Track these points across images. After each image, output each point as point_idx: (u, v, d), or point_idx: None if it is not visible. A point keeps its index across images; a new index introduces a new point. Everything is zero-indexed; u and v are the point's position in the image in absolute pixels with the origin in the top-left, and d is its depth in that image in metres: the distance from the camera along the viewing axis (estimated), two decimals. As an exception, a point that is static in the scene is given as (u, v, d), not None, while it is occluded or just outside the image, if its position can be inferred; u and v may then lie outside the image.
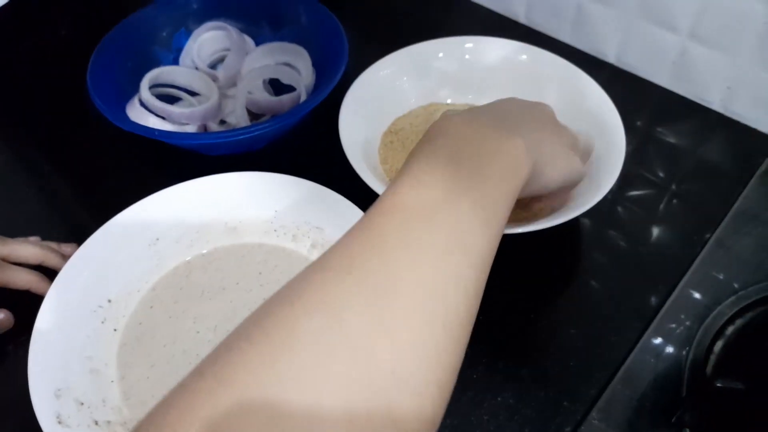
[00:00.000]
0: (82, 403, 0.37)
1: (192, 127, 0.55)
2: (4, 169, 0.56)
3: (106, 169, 0.55)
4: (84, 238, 0.43)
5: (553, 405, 0.39)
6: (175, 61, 0.61)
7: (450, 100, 0.56)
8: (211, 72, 0.59)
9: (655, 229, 0.49)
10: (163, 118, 0.54)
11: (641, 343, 0.41)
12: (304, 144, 0.55)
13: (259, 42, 0.61)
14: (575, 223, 0.48)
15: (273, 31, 0.61)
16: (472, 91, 0.55)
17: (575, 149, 0.40)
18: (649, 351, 0.41)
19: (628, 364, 0.40)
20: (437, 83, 0.55)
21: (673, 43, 0.56)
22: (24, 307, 0.41)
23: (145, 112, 0.53)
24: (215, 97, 0.55)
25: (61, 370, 0.38)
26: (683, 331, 0.41)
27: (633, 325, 0.42)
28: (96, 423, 0.37)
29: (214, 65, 0.61)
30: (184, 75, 0.58)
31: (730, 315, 0.41)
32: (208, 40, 0.61)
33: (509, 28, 0.66)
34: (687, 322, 0.42)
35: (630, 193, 0.51)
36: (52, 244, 0.47)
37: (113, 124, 0.49)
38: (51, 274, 0.43)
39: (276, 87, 0.58)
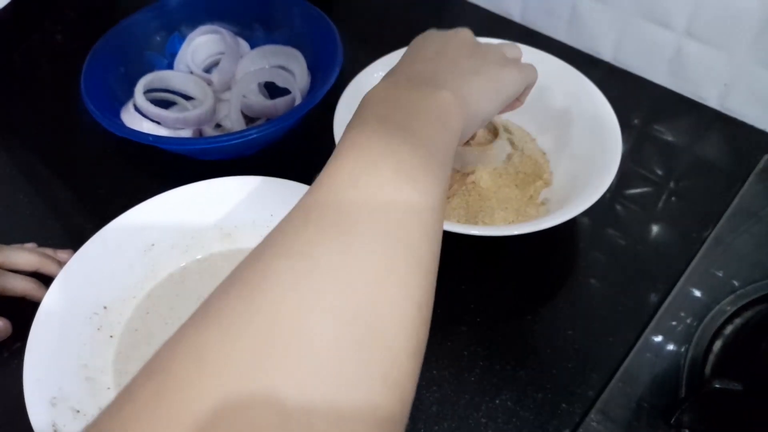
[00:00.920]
0: (78, 411, 0.37)
1: (187, 132, 0.54)
2: (-1, 176, 0.56)
3: (100, 175, 0.55)
4: (80, 244, 0.43)
5: (552, 407, 0.39)
6: (169, 66, 0.60)
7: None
8: (205, 76, 0.59)
9: (653, 227, 0.48)
10: (157, 123, 0.54)
11: (641, 341, 0.41)
12: (300, 147, 0.55)
13: (253, 45, 0.61)
14: (573, 222, 0.48)
15: (267, 34, 0.61)
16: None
17: (506, 59, 0.38)
18: (649, 349, 0.41)
19: (627, 363, 0.40)
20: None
21: (669, 40, 0.56)
22: (20, 315, 0.41)
23: (139, 117, 0.53)
24: (210, 101, 0.55)
25: (57, 379, 0.38)
26: (683, 328, 0.41)
27: (632, 325, 0.42)
28: (92, 431, 0.37)
29: (208, 69, 0.61)
30: (178, 79, 0.58)
31: (729, 314, 0.41)
32: (202, 44, 0.61)
33: (504, 27, 0.66)
34: (687, 320, 0.42)
35: (628, 192, 0.51)
36: (48, 251, 0.46)
37: (107, 130, 0.48)
38: (47, 281, 0.43)
39: (271, 90, 0.58)
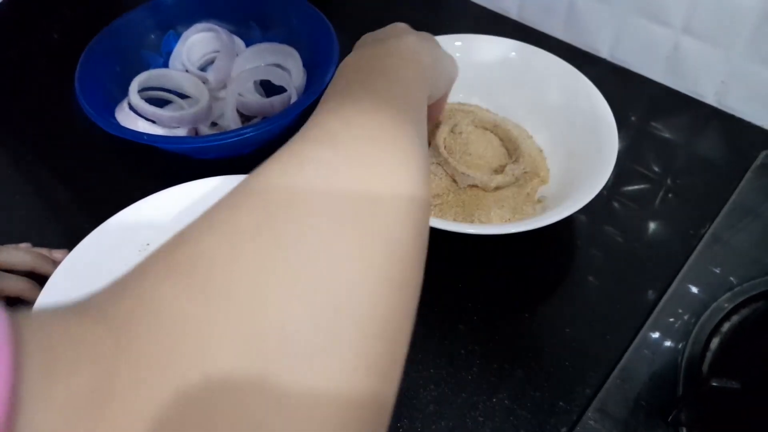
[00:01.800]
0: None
1: (182, 131, 0.54)
2: (-6, 176, 0.56)
3: (96, 174, 0.55)
4: (75, 244, 0.42)
5: (549, 405, 0.39)
6: (164, 65, 0.60)
7: (441, 99, 0.55)
8: (201, 74, 0.59)
9: (651, 225, 0.48)
10: (153, 122, 0.53)
11: (638, 338, 0.41)
12: (296, 145, 0.55)
13: (248, 43, 0.61)
14: (571, 220, 0.48)
15: (263, 32, 0.61)
16: (463, 90, 0.54)
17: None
18: (647, 346, 0.40)
19: (624, 361, 0.40)
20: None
21: (667, 37, 0.56)
22: (14, 315, 0.41)
23: (134, 116, 0.53)
24: (205, 100, 0.55)
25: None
26: (681, 325, 0.41)
27: (629, 323, 0.42)
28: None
29: (204, 67, 0.61)
30: (173, 78, 0.58)
31: (726, 311, 0.41)
32: (198, 42, 0.60)
33: (501, 24, 0.66)
34: (685, 317, 0.41)
35: (625, 189, 0.50)
36: (43, 251, 0.46)
37: (102, 129, 0.48)
38: (42, 281, 0.42)
39: (267, 88, 0.58)
